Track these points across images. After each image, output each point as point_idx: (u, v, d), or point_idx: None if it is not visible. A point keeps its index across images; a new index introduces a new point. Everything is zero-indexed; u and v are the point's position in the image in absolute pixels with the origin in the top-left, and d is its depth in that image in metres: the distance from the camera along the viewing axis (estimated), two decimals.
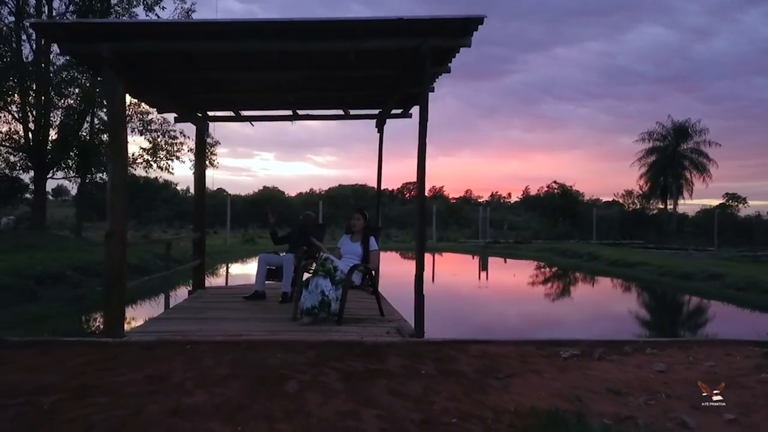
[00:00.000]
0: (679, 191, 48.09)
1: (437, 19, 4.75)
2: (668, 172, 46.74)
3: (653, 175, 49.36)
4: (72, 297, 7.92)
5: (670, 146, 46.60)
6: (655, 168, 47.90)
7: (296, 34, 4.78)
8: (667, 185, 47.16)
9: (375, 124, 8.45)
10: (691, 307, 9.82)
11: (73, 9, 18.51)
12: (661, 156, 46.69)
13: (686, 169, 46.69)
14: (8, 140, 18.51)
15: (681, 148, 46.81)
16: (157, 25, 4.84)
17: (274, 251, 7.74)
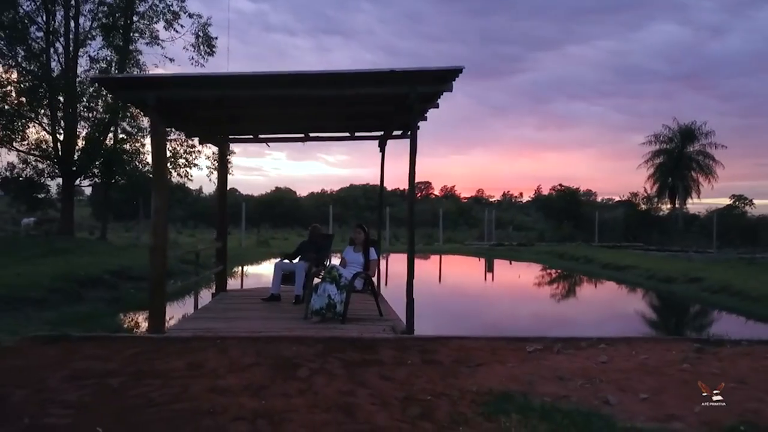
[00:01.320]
0: (687, 192, 48.80)
1: (423, 70, 5.75)
2: (675, 173, 47.43)
3: (660, 176, 50.08)
4: (111, 298, 9.00)
5: (677, 148, 47.24)
6: (662, 170, 48.60)
7: (307, 83, 5.80)
8: (675, 186, 47.88)
9: (378, 143, 9.43)
10: (659, 308, 10.70)
11: (97, 25, 19.71)
12: (668, 158, 47.36)
13: (693, 170, 47.36)
14: (37, 149, 19.78)
15: (687, 150, 47.42)
16: (192, 77, 5.87)
17: (288, 257, 8.75)
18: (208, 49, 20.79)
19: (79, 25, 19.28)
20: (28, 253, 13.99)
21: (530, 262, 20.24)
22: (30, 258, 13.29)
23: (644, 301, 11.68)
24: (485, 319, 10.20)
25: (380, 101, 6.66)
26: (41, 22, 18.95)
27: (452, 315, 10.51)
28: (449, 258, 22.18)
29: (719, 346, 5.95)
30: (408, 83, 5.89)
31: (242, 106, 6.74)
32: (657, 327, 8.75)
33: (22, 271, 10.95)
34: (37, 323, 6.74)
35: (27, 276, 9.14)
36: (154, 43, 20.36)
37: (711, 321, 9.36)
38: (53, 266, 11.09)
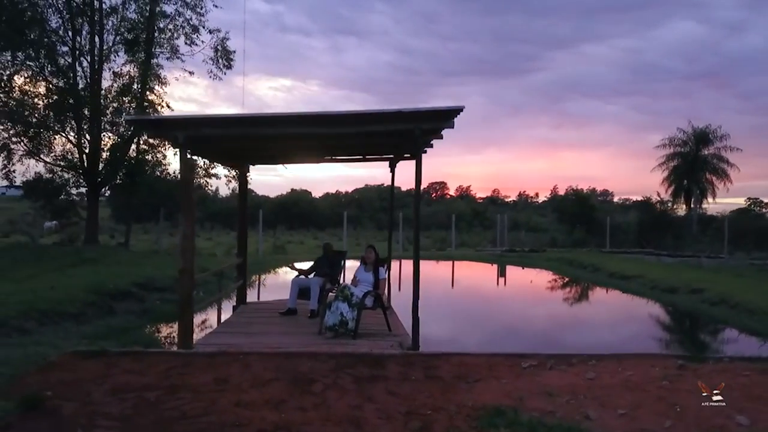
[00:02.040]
0: (703, 194, 48.85)
1: (426, 111, 6.31)
2: (690, 177, 47.52)
3: (675, 179, 50.17)
4: (140, 310, 9.64)
5: (691, 152, 47.32)
6: (677, 173, 48.70)
7: (324, 123, 6.39)
8: (690, 189, 47.97)
9: (388, 164, 10.00)
10: (656, 320, 11.09)
11: (121, 41, 20.49)
12: (683, 161, 47.47)
13: (708, 172, 47.45)
14: (63, 159, 20.65)
15: (702, 153, 47.49)
16: (219, 118, 6.47)
17: (303, 273, 9.33)
18: (226, 62, 21.51)
19: (104, 41, 20.05)
20: (58, 263, 14.75)
21: (539, 269, 20.69)
22: (61, 268, 14.04)
23: (643, 312, 12.06)
24: (487, 327, 10.74)
25: (390, 134, 7.22)
26: (67, 38, 19.75)
27: (457, 322, 11.08)
28: (459, 264, 22.66)
29: (702, 363, 6.42)
30: (413, 121, 6.45)
31: (263, 140, 7.33)
32: (649, 340, 9.17)
33: (56, 284, 11.70)
34: (76, 337, 7.38)
35: (61, 289, 9.82)
36: (174, 57, 21.09)
37: (703, 335, 9.76)
38: (84, 277, 11.80)
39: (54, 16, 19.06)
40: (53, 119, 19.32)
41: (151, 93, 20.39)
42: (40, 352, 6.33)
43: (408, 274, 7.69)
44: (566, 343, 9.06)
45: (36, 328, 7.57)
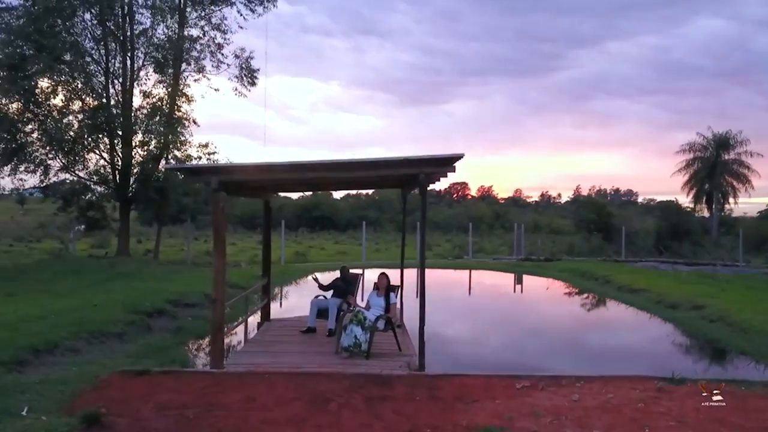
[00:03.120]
0: (725, 198, 48.95)
1: (429, 158, 7.09)
2: (711, 181, 47.67)
3: (696, 183, 50.36)
4: (174, 328, 10.55)
5: (712, 156, 47.46)
6: (698, 177, 48.89)
7: (341, 168, 7.23)
8: (711, 193, 48.09)
9: (401, 192, 10.79)
10: (652, 338, 11.63)
11: (151, 62, 21.57)
12: (703, 166, 47.64)
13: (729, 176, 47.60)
14: (96, 174, 21.84)
15: (722, 158, 47.61)
16: (247, 166, 7.32)
17: (323, 288, 10.15)
18: (250, 80, 22.51)
19: (134, 63, 21.16)
20: (96, 276, 15.82)
21: (552, 279, 21.31)
22: (99, 282, 15.09)
23: (641, 330, 12.59)
24: (489, 341, 11.49)
25: (397, 176, 8.02)
26: (101, 60, 20.89)
27: (462, 334, 11.84)
28: (473, 274, 23.32)
29: (680, 384, 7.10)
30: (418, 166, 7.24)
31: (286, 180, 8.17)
32: (639, 359, 9.80)
33: (95, 299, 12.71)
34: (120, 356, 8.30)
35: (103, 307, 10.80)
36: (200, 75, 22.14)
37: (691, 355, 10.30)
38: (121, 293, 12.82)
39: (89, 40, 20.22)
40: (87, 137, 20.44)
41: (178, 111, 21.43)
42: (91, 371, 7.24)
43: (431, 283, 8.49)
44: (563, 359, 9.73)
45: (85, 348, 8.51)
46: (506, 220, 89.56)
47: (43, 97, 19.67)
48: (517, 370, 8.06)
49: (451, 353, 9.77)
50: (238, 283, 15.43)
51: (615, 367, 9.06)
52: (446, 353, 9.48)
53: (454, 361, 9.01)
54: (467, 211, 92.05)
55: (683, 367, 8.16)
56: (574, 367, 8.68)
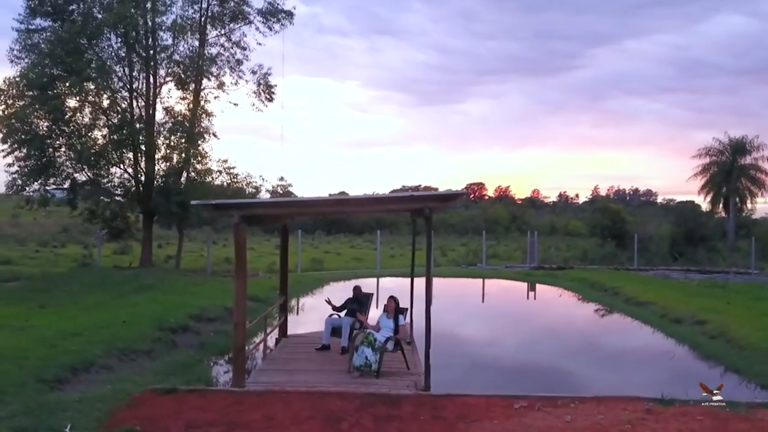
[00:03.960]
0: (742, 202, 48.95)
1: (433, 195, 7.70)
2: (727, 185, 47.74)
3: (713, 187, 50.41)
4: (197, 344, 11.24)
5: (728, 162, 47.50)
6: (714, 182, 48.96)
7: (352, 204, 7.86)
8: (728, 197, 48.15)
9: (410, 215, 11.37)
10: (649, 355, 12.03)
11: (173, 79, 22.40)
12: (719, 171, 47.73)
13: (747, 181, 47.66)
14: (120, 187, 22.75)
15: (739, 163, 47.67)
16: (267, 203, 7.98)
17: (336, 310, 10.77)
18: (267, 96, 23.27)
19: (157, 81, 21.99)
20: (121, 289, 16.61)
21: (562, 289, 21.77)
22: (124, 295, 15.88)
23: (642, 346, 12.97)
24: (492, 355, 12.11)
25: (405, 208, 8.63)
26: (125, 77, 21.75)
27: (466, 349, 12.41)
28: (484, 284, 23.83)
29: (669, 405, 7.59)
30: (423, 202, 7.86)
31: (302, 213, 8.83)
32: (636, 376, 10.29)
33: (122, 312, 13.47)
34: (149, 373, 8.98)
35: (131, 323, 11.54)
36: (220, 90, 22.96)
37: (686, 373, 10.71)
38: (146, 307, 13.60)
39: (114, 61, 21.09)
40: (112, 152, 21.32)
41: (199, 126, 22.22)
42: (125, 389, 7.91)
43: (438, 293, 9.07)
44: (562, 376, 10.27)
45: (117, 365, 9.22)
46: (523, 222, 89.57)
47: (70, 114, 20.58)
48: (517, 386, 8.64)
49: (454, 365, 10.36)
50: (256, 294, 16.10)
51: (612, 384, 9.60)
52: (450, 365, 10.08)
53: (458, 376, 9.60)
54: (483, 213, 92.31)
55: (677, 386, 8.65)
56: (573, 384, 9.20)
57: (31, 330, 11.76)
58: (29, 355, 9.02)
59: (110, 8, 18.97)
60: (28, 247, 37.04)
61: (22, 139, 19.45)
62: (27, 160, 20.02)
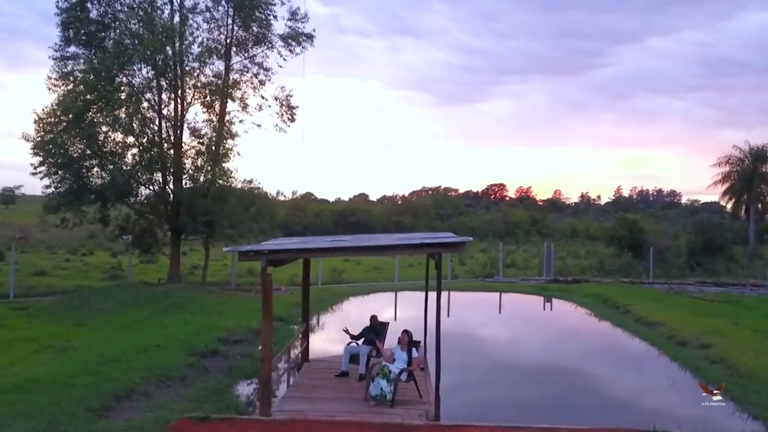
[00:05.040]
0: (764, 209, 48.91)
1: (442, 243, 8.43)
2: (748, 194, 47.73)
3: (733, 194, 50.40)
4: (226, 368, 12.10)
5: (749, 170, 47.49)
6: (734, 189, 48.98)
7: (369, 250, 8.64)
8: (749, 205, 48.14)
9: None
10: (649, 382, 12.52)
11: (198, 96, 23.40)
12: (739, 179, 47.77)
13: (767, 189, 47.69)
14: (149, 205, 23.87)
15: (760, 171, 47.70)
16: (290, 249, 8.80)
17: (354, 339, 11.55)
18: (290, 116, 24.22)
19: (184, 105, 23.05)
20: (152, 308, 17.63)
21: (574, 306, 22.34)
22: (155, 314, 16.89)
23: (646, 368, 13.52)
24: (498, 378, 12.85)
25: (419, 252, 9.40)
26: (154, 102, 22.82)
27: (470, 368, 13.18)
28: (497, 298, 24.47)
29: None
30: (433, 248, 8.60)
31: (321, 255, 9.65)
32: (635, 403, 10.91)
33: (154, 333, 14.43)
34: (184, 400, 9.83)
35: (165, 348, 12.46)
36: (243, 111, 23.96)
37: (681, 402, 11.25)
38: (178, 329, 14.59)
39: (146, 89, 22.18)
40: (142, 173, 22.41)
41: (224, 147, 23.20)
42: (163, 416, 8.77)
43: (451, 311, 9.84)
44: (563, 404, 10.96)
45: (155, 392, 10.11)
46: (543, 225, 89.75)
47: (103, 136, 21.69)
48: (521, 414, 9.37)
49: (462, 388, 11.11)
50: (279, 313, 16.93)
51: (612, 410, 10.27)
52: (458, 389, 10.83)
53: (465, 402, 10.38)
54: (503, 216, 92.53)
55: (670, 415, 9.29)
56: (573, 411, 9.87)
57: (73, 351, 12.79)
58: (76, 382, 9.94)
59: (141, 39, 19.99)
60: (58, 254, 38.59)
61: (58, 163, 20.60)
62: (63, 182, 21.16)
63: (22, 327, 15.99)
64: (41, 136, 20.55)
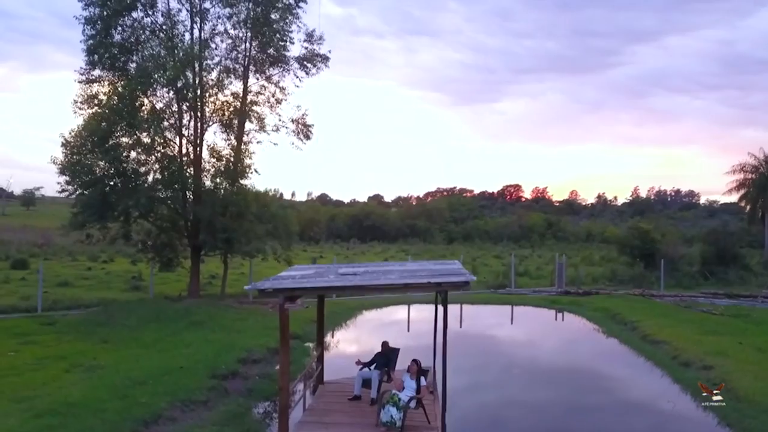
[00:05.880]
0: None
1: (447, 283, 9.04)
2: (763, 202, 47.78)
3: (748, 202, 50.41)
4: (246, 390, 12.79)
5: (764, 177, 47.55)
6: (750, 196, 49.03)
7: (378, 289, 9.25)
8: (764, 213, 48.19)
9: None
10: (653, 401, 12.97)
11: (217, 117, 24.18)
12: (754, 186, 47.86)
13: None
14: (169, 222, 24.71)
15: None
16: (308, 287, 9.48)
17: (366, 365, 12.16)
18: (305, 135, 24.93)
19: (204, 125, 23.86)
20: (174, 326, 18.41)
21: (583, 321, 22.81)
22: (178, 332, 17.65)
23: (647, 391, 13.83)
24: (502, 395, 13.50)
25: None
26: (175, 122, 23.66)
27: (477, 396, 13.70)
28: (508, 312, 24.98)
29: None
30: (438, 287, 9.21)
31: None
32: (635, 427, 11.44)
33: (176, 352, 15.17)
34: (208, 424, 10.52)
35: (188, 371, 13.18)
36: (261, 131, 24.72)
37: (683, 429, 11.71)
38: (199, 349, 15.30)
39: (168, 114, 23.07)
40: (163, 192, 23.29)
41: (242, 165, 23.97)
42: None
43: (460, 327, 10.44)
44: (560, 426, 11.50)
45: (180, 416, 10.81)
46: (558, 228, 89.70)
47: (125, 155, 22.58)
48: None
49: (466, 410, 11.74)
50: (295, 331, 17.59)
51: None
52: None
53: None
54: (519, 219, 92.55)
55: None
56: None
57: (101, 371, 13.57)
58: (107, 407, 10.67)
59: (164, 66, 20.84)
60: (79, 261, 39.69)
61: (85, 183, 21.52)
62: (88, 201, 22.07)
63: (51, 344, 16.83)
64: (68, 158, 21.47)
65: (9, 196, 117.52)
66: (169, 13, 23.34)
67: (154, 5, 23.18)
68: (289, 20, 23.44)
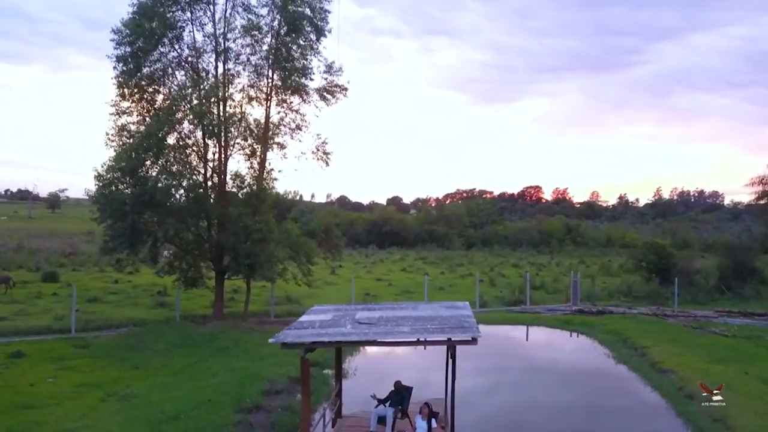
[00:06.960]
0: None
1: (455, 340, 9.83)
2: None
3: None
4: (269, 424, 13.70)
5: None
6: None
7: (392, 343, 10.07)
8: None
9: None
10: None
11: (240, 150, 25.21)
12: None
13: None
14: (194, 244, 25.79)
15: None
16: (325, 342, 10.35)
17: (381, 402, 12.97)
18: (325, 161, 25.86)
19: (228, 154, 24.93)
20: (201, 352, 19.41)
21: (594, 344, 23.36)
22: (203, 359, 18.65)
23: (648, 426, 14.52)
24: None
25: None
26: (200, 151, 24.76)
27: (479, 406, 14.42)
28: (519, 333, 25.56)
29: None
30: (448, 342, 10.00)
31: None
32: None
33: (203, 383, 16.13)
34: None
35: (216, 405, 14.12)
36: (282, 157, 25.74)
37: None
38: (225, 379, 16.26)
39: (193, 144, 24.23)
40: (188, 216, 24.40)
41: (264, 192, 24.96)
42: None
43: None
44: None
45: None
46: (578, 234, 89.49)
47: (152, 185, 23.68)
48: None
49: None
50: (314, 359, 18.44)
51: None
52: None
53: None
54: (538, 225, 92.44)
55: None
56: None
57: (135, 401, 14.61)
58: None
59: (189, 101, 21.96)
60: (106, 273, 40.90)
61: (116, 213, 22.70)
62: (119, 231, 23.25)
63: (86, 369, 17.95)
64: (100, 190, 22.67)
65: (35, 198, 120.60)
66: (194, 45, 24.49)
67: (180, 38, 24.34)
68: (309, 58, 24.48)
